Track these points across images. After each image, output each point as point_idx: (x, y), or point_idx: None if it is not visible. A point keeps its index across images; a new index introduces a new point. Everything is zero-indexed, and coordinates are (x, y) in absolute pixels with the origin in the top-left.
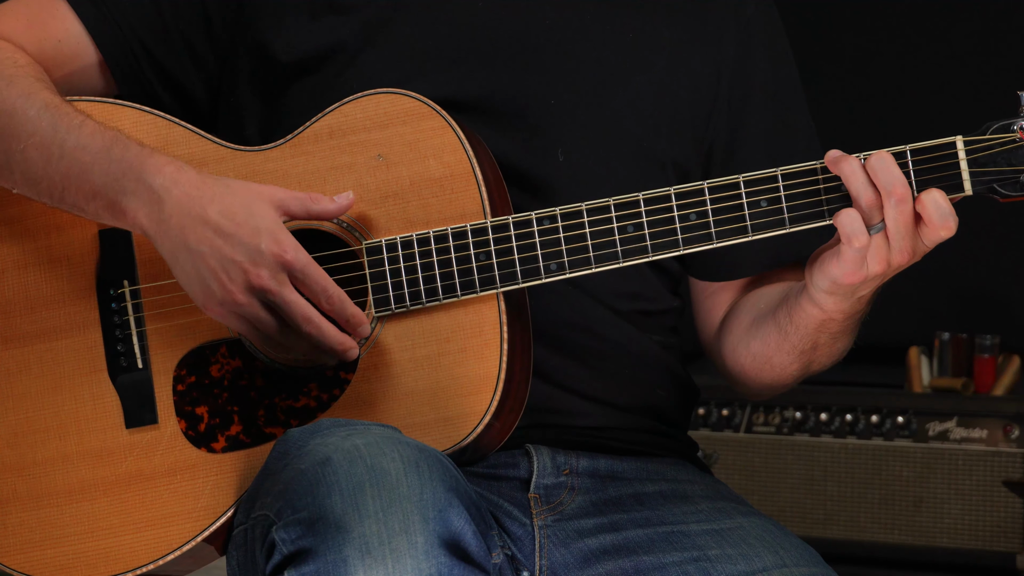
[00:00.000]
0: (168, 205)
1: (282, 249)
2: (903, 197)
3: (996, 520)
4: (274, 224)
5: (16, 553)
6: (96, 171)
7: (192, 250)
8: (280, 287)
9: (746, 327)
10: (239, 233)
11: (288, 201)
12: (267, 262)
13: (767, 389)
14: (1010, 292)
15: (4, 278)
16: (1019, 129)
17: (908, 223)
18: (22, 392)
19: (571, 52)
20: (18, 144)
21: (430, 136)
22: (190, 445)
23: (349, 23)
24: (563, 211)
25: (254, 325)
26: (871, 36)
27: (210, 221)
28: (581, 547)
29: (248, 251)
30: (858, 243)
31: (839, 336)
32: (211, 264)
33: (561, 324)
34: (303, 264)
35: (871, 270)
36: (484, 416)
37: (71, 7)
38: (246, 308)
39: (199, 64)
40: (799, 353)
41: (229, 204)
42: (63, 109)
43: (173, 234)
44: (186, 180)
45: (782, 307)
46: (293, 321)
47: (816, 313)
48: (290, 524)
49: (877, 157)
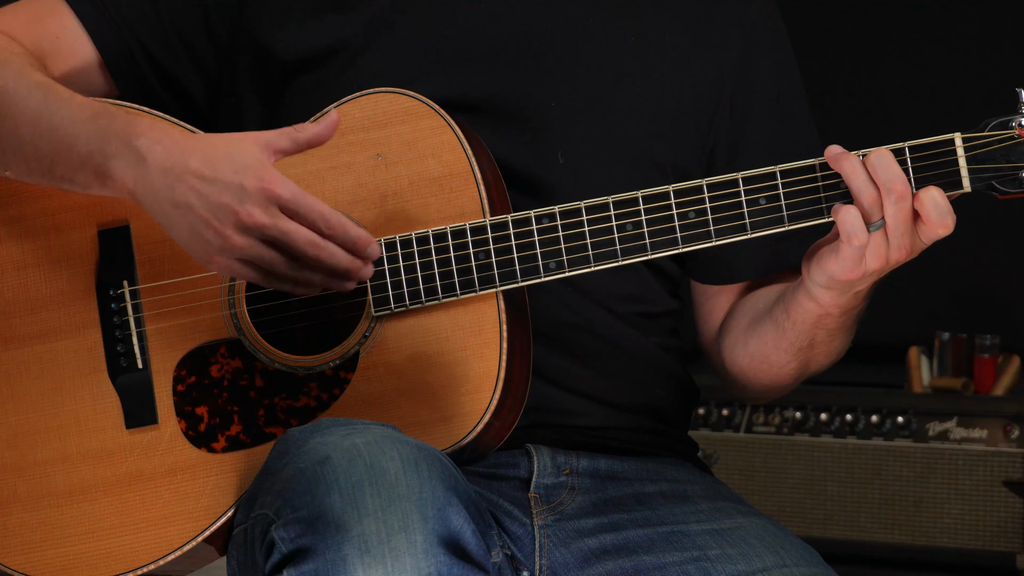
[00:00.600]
0: (151, 163)
1: (267, 183)
2: (903, 194)
3: (996, 520)
4: (256, 161)
5: (17, 554)
6: (83, 139)
7: (180, 204)
8: (274, 219)
9: (744, 327)
10: (221, 175)
11: (275, 139)
12: (254, 198)
13: (765, 390)
14: (1010, 292)
15: (4, 279)
16: (1018, 126)
17: (907, 220)
18: (22, 393)
19: (573, 55)
20: (10, 123)
21: (429, 135)
22: (190, 445)
23: (350, 23)
24: (562, 210)
25: (260, 266)
26: (871, 35)
27: (192, 170)
28: (581, 547)
29: (233, 191)
30: (858, 241)
31: (836, 333)
32: (201, 214)
33: (561, 324)
34: (292, 194)
35: (869, 267)
36: (484, 415)
37: (69, 6)
38: (247, 250)
39: (198, 64)
40: (797, 351)
41: (211, 152)
42: (54, 87)
43: (160, 192)
44: (169, 139)
45: (779, 304)
46: (298, 249)
47: (813, 308)
48: (289, 523)
49: (876, 154)
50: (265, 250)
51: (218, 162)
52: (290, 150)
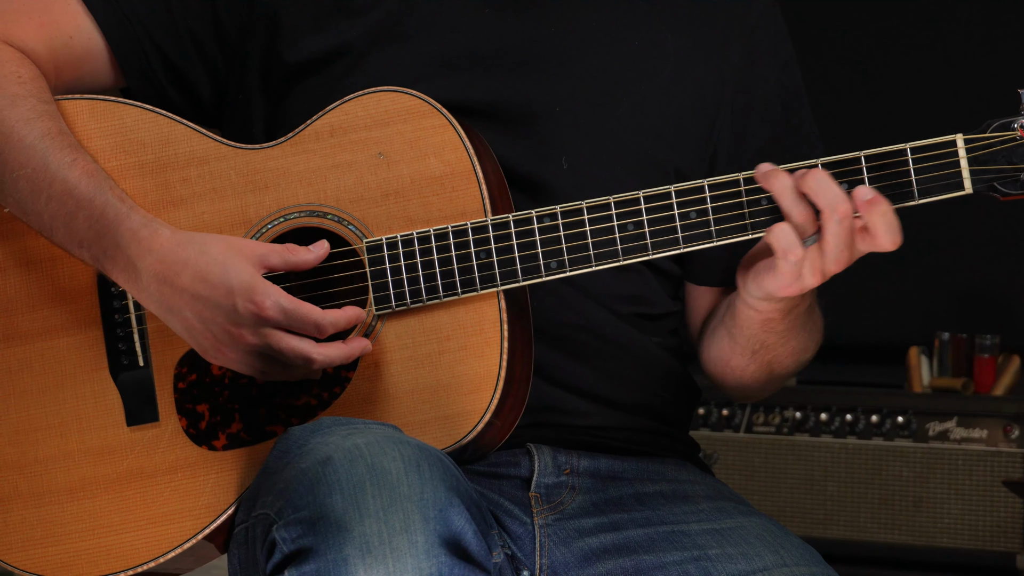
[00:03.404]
0: (144, 276)
1: (258, 307)
2: (846, 214)
3: (996, 520)
4: (247, 281)
5: (18, 550)
6: (80, 219)
7: (174, 311)
8: (265, 340)
9: (710, 330)
10: (214, 295)
11: (268, 255)
12: (246, 321)
13: (738, 390)
14: (1010, 292)
15: (5, 276)
16: (1019, 127)
17: (848, 237)
18: (23, 390)
19: (577, 60)
20: (11, 173)
21: (431, 134)
22: (191, 443)
23: (357, 26)
24: (563, 209)
25: (260, 372)
26: (871, 36)
27: (185, 289)
28: (581, 546)
29: (226, 312)
30: (793, 257)
31: (787, 334)
32: (196, 325)
33: (562, 324)
34: (283, 313)
35: (807, 283)
36: (484, 414)
37: (82, 2)
38: (242, 362)
39: (208, 63)
40: (751, 353)
41: (203, 267)
42: (58, 142)
43: (155, 300)
44: (159, 247)
45: (728, 310)
46: (293, 365)
47: (754, 315)
48: (291, 523)
49: (814, 176)
50: (260, 363)
51: (211, 280)
52: (279, 268)
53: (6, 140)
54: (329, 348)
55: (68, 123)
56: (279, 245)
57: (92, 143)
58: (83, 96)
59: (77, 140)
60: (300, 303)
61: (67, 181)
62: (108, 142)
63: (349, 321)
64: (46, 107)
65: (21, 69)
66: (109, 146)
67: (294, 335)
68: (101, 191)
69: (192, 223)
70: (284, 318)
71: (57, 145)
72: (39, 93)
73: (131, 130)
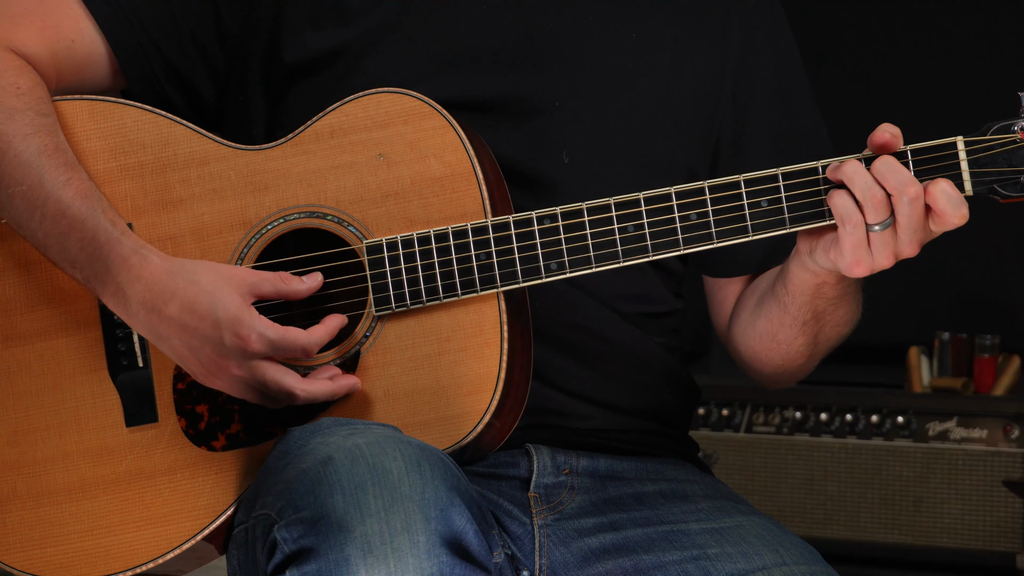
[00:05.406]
0: (132, 303)
1: (244, 340)
2: (917, 195)
3: (996, 520)
4: (235, 313)
5: (16, 551)
6: (73, 241)
7: (164, 340)
8: (251, 372)
9: (751, 309)
10: (201, 327)
11: (259, 284)
12: (232, 353)
13: (780, 371)
14: (1010, 292)
15: (5, 276)
16: (1019, 130)
17: (921, 218)
18: (22, 390)
19: (575, 54)
20: (7, 189)
21: (431, 135)
22: (190, 443)
23: (355, 26)
24: (563, 211)
25: (250, 399)
26: (871, 36)
27: (173, 319)
28: (581, 546)
29: (213, 344)
30: (852, 223)
31: (839, 301)
32: (185, 353)
33: (563, 325)
34: (269, 345)
35: (878, 263)
36: (484, 415)
37: (84, 4)
38: (231, 389)
39: (209, 64)
40: (801, 324)
41: (191, 297)
42: (55, 159)
43: (144, 327)
44: (148, 275)
45: (779, 279)
46: (276, 397)
47: (809, 277)
48: (292, 523)
49: (882, 162)
50: (248, 392)
51: (199, 312)
52: (271, 297)
53: (2, 155)
54: (314, 385)
55: (68, 124)
56: (272, 273)
57: (92, 144)
58: (83, 97)
59: (75, 151)
60: (285, 331)
61: (60, 201)
62: (108, 143)
63: (331, 332)
64: (44, 120)
65: (20, 79)
66: (109, 147)
67: (281, 366)
68: (93, 213)
69: (192, 224)
70: (270, 349)
71: (53, 163)
72: (37, 105)
73: (131, 131)
